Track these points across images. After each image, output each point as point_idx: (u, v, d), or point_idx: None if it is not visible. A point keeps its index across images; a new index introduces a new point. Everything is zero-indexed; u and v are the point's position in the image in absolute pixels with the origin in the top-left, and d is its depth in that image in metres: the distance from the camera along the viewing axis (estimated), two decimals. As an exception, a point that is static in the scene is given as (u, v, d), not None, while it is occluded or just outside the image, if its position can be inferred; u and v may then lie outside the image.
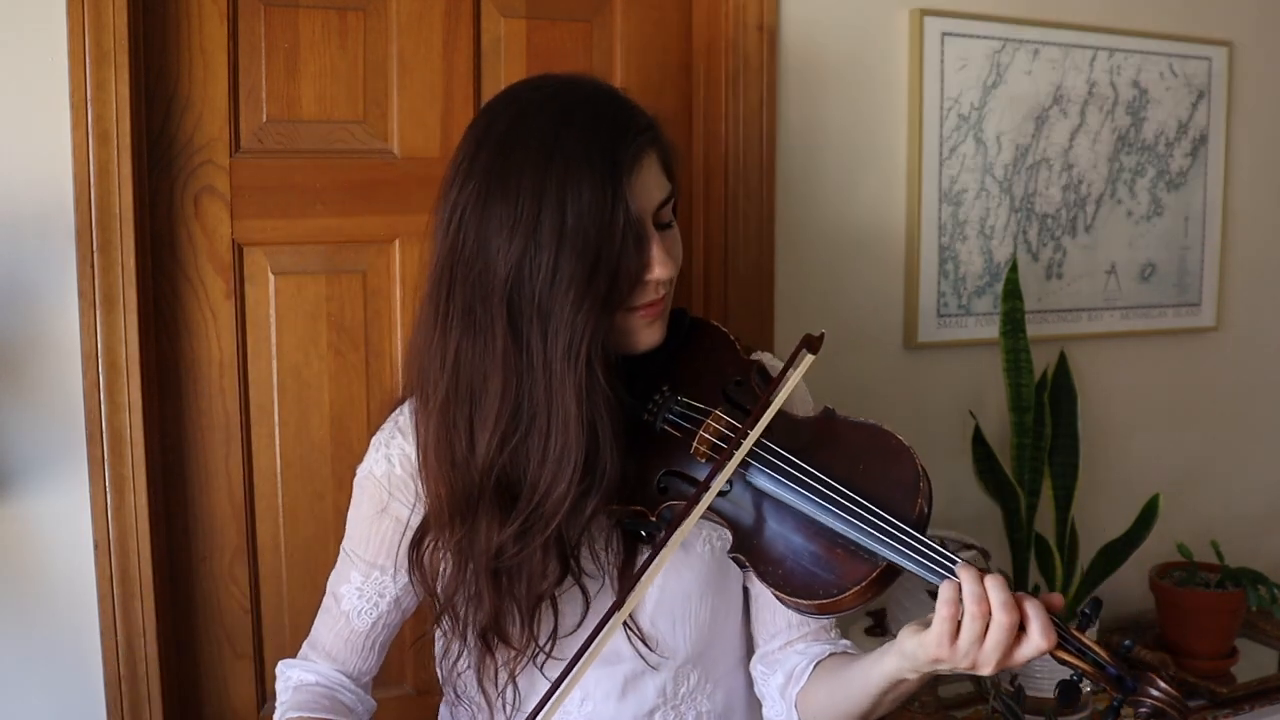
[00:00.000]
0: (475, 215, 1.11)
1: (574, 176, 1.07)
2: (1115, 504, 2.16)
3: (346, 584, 1.27)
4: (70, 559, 1.51)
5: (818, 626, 1.30)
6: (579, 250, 1.07)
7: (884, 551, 1.05)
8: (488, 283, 1.10)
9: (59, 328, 1.48)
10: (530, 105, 1.13)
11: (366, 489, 1.27)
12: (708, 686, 1.30)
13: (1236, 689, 2.02)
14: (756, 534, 1.12)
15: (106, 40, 1.44)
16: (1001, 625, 1.00)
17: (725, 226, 1.84)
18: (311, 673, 1.28)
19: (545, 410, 1.10)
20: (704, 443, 1.16)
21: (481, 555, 1.16)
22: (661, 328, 1.19)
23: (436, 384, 1.15)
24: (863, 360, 2.00)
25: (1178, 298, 2.27)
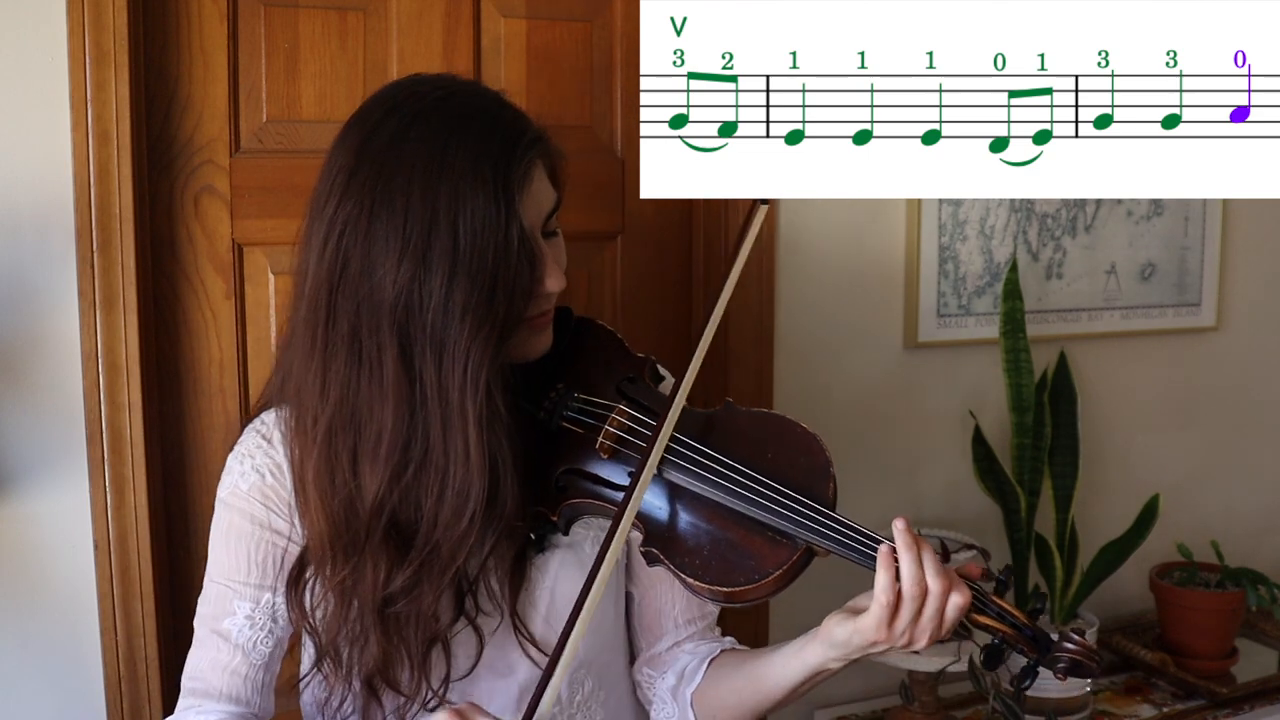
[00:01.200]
0: (358, 235, 1.03)
1: (465, 195, 1.02)
2: (1115, 504, 2.16)
3: (232, 617, 1.16)
4: (70, 559, 1.51)
5: (703, 625, 1.29)
6: (473, 274, 1.02)
7: (803, 534, 1.07)
8: (375, 309, 1.03)
9: (59, 328, 1.48)
10: (415, 116, 1.06)
11: (235, 507, 1.17)
12: (600, 693, 1.26)
13: (1236, 689, 2.02)
14: (671, 527, 1.12)
15: (106, 40, 1.44)
16: (937, 594, 1.03)
17: (725, 225, 1.84)
18: (213, 714, 1.15)
19: (442, 444, 1.04)
20: (609, 437, 1.15)
21: (368, 597, 1.08)
22: (550, 335, 1.17)
23: (316, 413, 1.08)
24: (863, 360, 2.00)
25: (1178, 298, 2.27)
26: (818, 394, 1.95)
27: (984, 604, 1.08)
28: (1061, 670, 1.08)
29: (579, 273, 1.80)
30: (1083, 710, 1.95)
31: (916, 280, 2.00)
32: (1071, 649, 1.08)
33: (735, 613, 1.77)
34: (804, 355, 1.94)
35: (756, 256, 1.85)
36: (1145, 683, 2.07)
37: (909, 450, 2.06)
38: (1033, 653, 1.08)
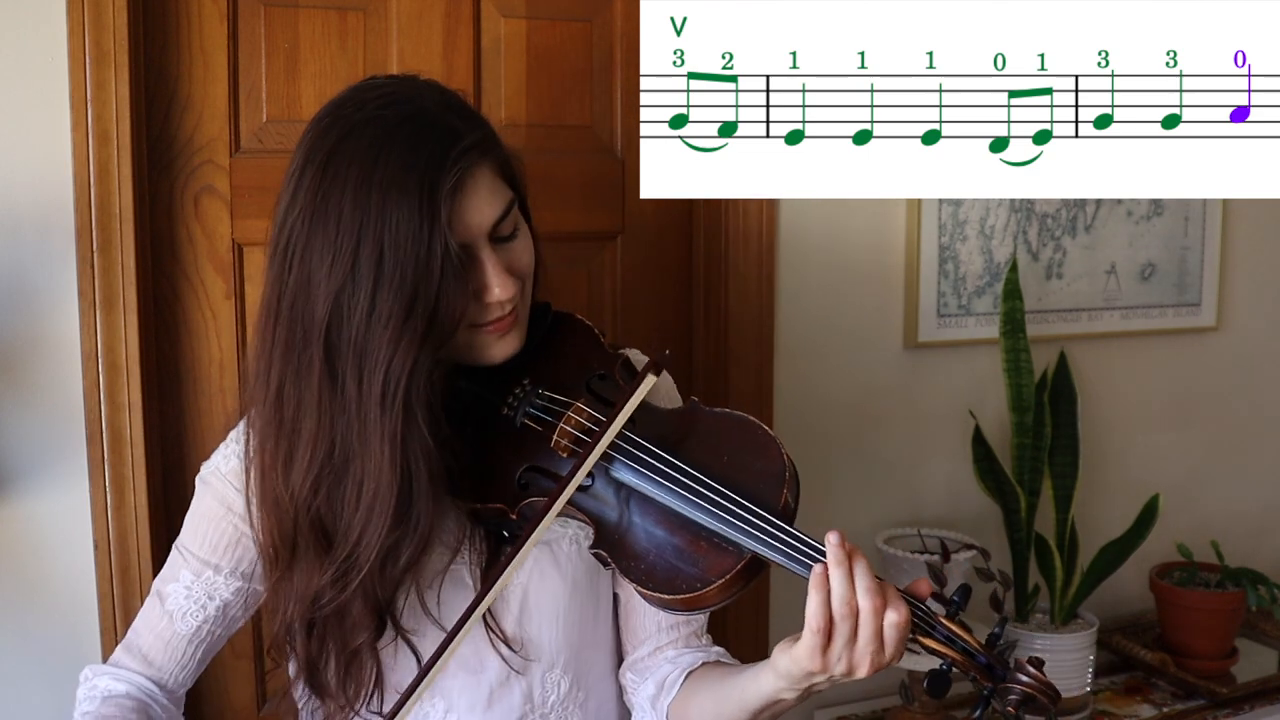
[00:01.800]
0: (300, 244, 1.06)
1: (390, 208, 1.02)
2: (1115, 504, 2.16)
3: (175, 583, 1.20)
4: (70, 559, 1.51)
5: (688, 632, 1.27)
6: (395, 287, 1.02)
7: (748, 543, 1.02)
8: (309, 319, 1.05)
9: (59, 328, 1.48)
10: (355, 124, 1.06)
11: (213, 485, 1.20)
12: (579, 695, 1.25)
13: (1236, 689, 2.02)
14: (619, 529, 1.09)
15: (106, 40, 1.44)
16: (869, 612, 0.98)
17: (725, 225, 1.84)
18: (122, 682, 1.19)
19: (359, 455, 1.06)
20: (565, 435, 1.13)
21: (297, 600, 1.11)
22: (516, 338, 1.15)
23: (261, 416, 1.11)
24: (863, 360, 2.00)
25: (1178, 298, 2.27)
26: (818, 394, 1.95)
27: (930, 626, 1.02)
28: (1013, 703, 1.00)
29: (579, 273, 1.80)
30: (1083, 710, 1.95)
31: (916, 280, 2.00)
32: (1025, 682, 1.00)
33: (736, 615, 1.78)
34: (804, 355, 1.93)
35: (757, 256, 1.85)
36: (1145, 683, 2.07)
37: (909, 450, 2.06)
38: (985, 681, 1.01)
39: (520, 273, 1.13)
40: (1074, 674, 1.93)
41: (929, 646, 1.01)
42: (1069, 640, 1.93)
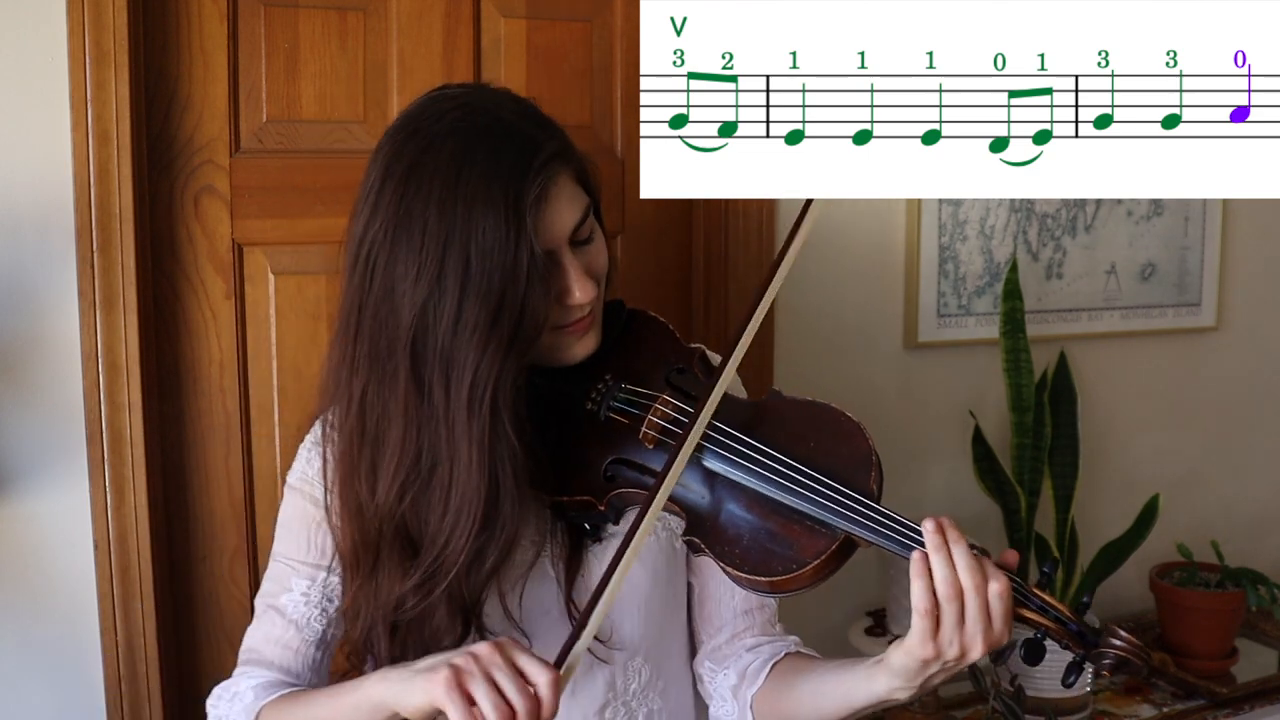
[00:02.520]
0: (383, 255, 1.08)
1: (476, 219, 1.04)
2: (1115, 504, 2.16)
3: (289, 593, 1.21)
4: (70, 559, 1.51)
5: (763, 619, 1.28)
6: (482, 295, 1.04)
7: (841, 524, 1.05)
8: (393, 328, 1.07)
9: (59, 328, 1.48)
10: (435, 137, 1.08)
11: (300, 490, 1.21)
12: (659, 683, 1.27)
13: (1236, 689, 2.02)
14: (711, 516, 1.11)
15: (106, 40, 1.44)
16: (973, 590, 0.99)
17: (725, 225, 1.84)
18: (264, 677, 1.19)
19: (447, 461, 1.08)
20: (652, 427, 1.15)
21: (381, 606, 1.12)
22: (594, 337, 1.18)
23: (342, 425, 1.13)
24: (863, 360, 2.00)
25: (1178, 298, 2.27)
26: (818, 393, 1.95)
27: (1025, 596, 1.04)
28: (1107, 667, 1.03)
29: (579, 273, 1.80)
30: (1083, 710, 1.95)
31: (916, 280, 2.00)
32: (1119, 645, 1.02)
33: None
34: (804, 355, 1.93)
35: (756, 256, 1.85)
36: (1145, 683, 2.07)
37: (909, 450, 2.06)
38: (1078, 649, 1.03)
39: (598, 274, 1.16)
40: (1074, 674, 1.93)
41: (1024, 616, 1.03)
42: (1068, 640, 1.93)
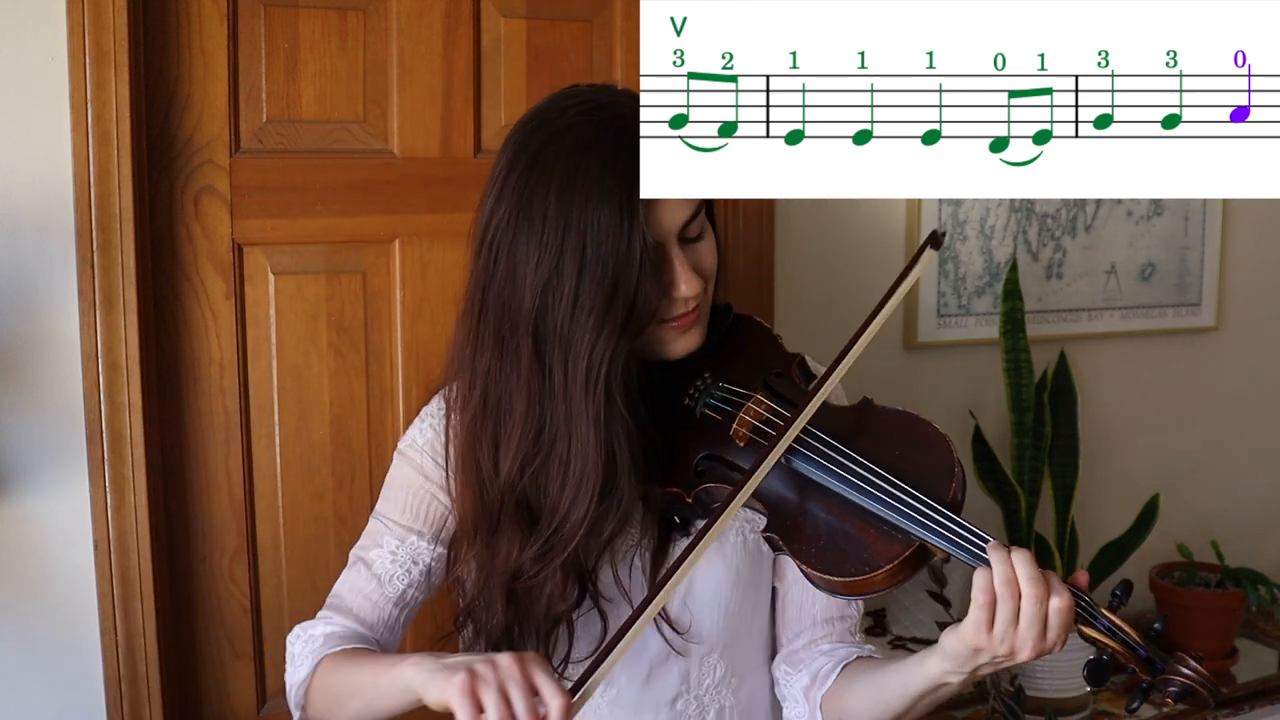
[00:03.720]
0: (506, 240, 1.14)
1: (593, 207, 1.10)
2: (1115, 504, 2.16)
3: (379, 549, 1.25)
4: (70, 559, 1.51)
5: (843, 628, 1.31)
6: (598, 280, 1.10)
7: (916, 530, 1.07)
8: (516, 310, 1.13)
9: (59, 328, 1.48)
10: (559, 129, 1.15)
11: (410, 457, 1.26)
12: (733, 680, 1.29)
13: (1236, 689, 2.03)
14: (792, 515, 1.14)
15: (106, 40, 1.44)
16: (1032, 599, 1.02)
17: (725, 225, 1.84)
18: (335, 625, 1.24)
19: (565, 436, 1.13)
20: (744, 425, 1.18)
21: (500, 572, 1.17)
22: (698, 334, 1.22)
23: (466, 400, 1.19)
24: (863, 360, 1.99)
25: (1178, 298, 2.27)
26: (818, 394, 1.95)
27: (1092, 615, 1.05)
28: (1173, 695, 1.03)
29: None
30: (1082, 710, 1.95)
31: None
32: (1187, 674, 1.02)
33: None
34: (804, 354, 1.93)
35: (756, 256, 1.85)
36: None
37: (909, 450, 2.05)
38: (1145, 674, 1.04)
39: (705, 272, 1.19)
40: (1073, 674, 1.93)
41: (1090, 636, 1.05)
42: (1068, 640, 1.93)
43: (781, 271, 1.89)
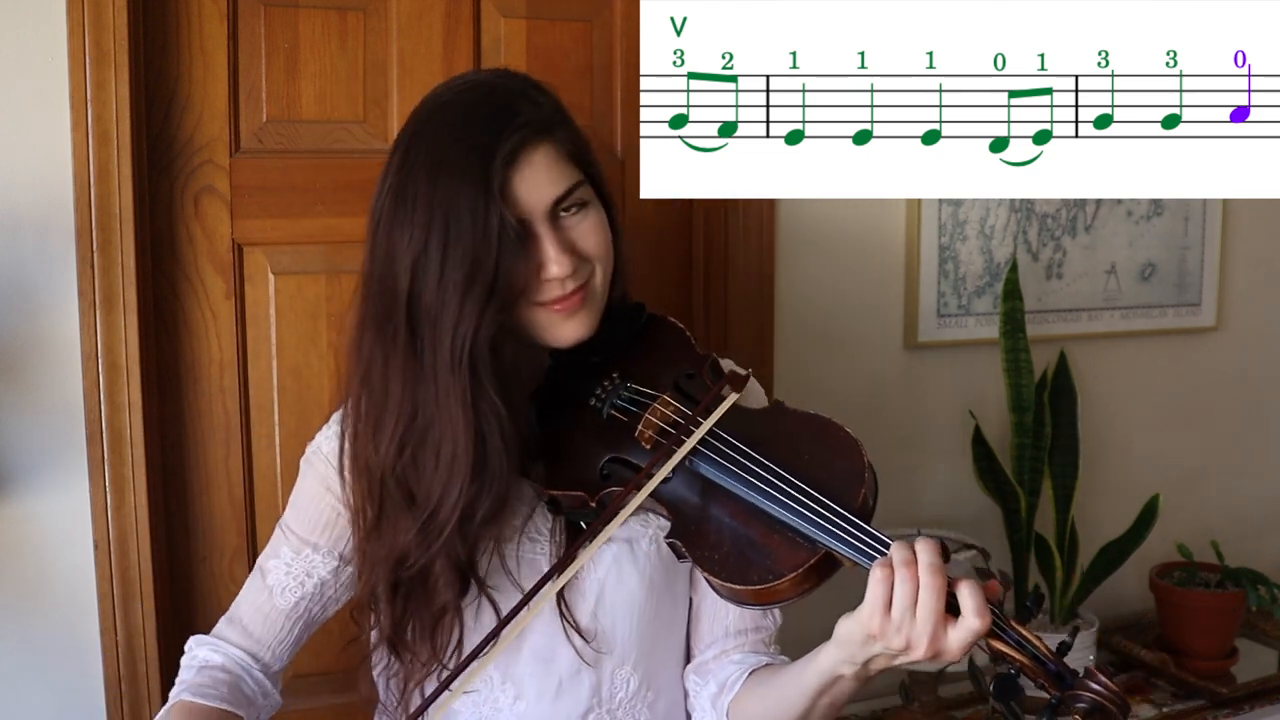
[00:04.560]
0: (385, 223, 1.13)
1: (455, 184, 1.09)
2: (1115, 504, 2.16)
3: (275, 559, 1.24)
4: (70, 559, 1.51)
5: (756, 639, 1.27)
6: (459, 257, 1.09)
7: (823, 538, 1.03)
8: (393, 292, 1.12)
9: (59, 328, 1.48)
10: (434, 111, 1.15)
11: (314, 465, 1.24)
12: (648, 694, 1.26)
13: (1236, 689, 2.02)
14: (697, 520, 1.10)
15: (106, 40, 1.44)
16: (930, 589, 0.97)
17: (725, 225, 1.84)
18: (219, 653, 1.23)
19: (437, 418, 1.12)
20: (650, 426, 1.15)
21: (384, 561, 1.16)
22: (585, 320, 1.17)
23: (354, 385, 1.18)
24: (863, 360, 2.00)
25: (1178, 298, 2.27)
26: (817, 394, 1.95)
27: (1001, 629, 1.00)
28: (1081, 711, 0.98)
29: (579, 273, 1.80)
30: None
31: (916, 280, 2.00)
32: (1097, 690, 0.98)
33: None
34: (804, 355, 1.94)
35: (757, 255, 1.85)
36: (1145, 683, 2.07)
37: (909, 450, 2.06)
38: (1054, 690, 0.99)
39: (585, 253, 1.16)
40: (1074, 674, 1.93)
41: (998, 650, 0.99)
42: (1069, 640, 1.93)
43: (782, 271, 1.89)
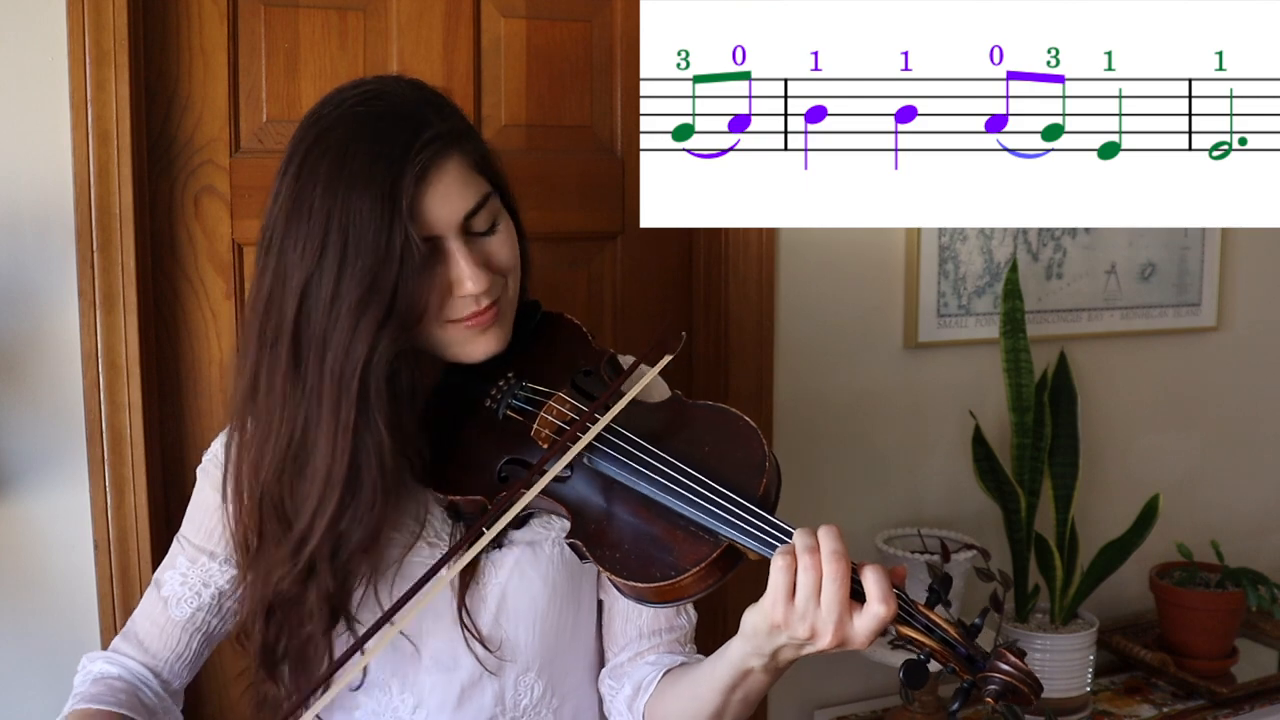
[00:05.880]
0: (277, 238, 1.08)
1: (355, 197, 1.04)
2: (1115, 504, 2.16)
3: (172, 570, 1.21)
4: (70, 559, 1.51)
5: (670, 639, 1.25)
6: (356, 274, 1.04)
7: (725, 530, 1.01)
8: (281, 311, 1.07)
9: (59, 328, 1.48)
10: (332, 120, 1.09)
11: (210, 474, 1.21)
12: (553, 700, 1.23)
13: (1236, 689, 2.03)
14: (596, 519, 1.08)
15: (106, 40, 1.44)
16: (834, 576, 0.95)
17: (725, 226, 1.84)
18: (115, 665, 1.20)
19: (314, 443, 1.08)
20: (545, 425, 1.13)
21: (260, 584, 1.13)
22: (498, 335, 1.14)
23: (235, 405, 1.14)
24: (863, 360, 2.00)
25: (1178, 298, 2.27)
26: (818, 394, 1.95)
27: (908, 614, 0.98)
28: (992, 694, 0.96)
29: (579, 273, 1.80)
30: (1082, 710, 1.95)
31: (916, 280, 2.00)
32: (1006, 671, 0.96)
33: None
34: (804, 354, 1.93)
35: (757, 256, 1.85)
36: (1145, 683, 2.07)
37: (909, 450, 2.06)
38: (965, 673, 0.97)
39: (498, 268, 1.13)
40: (1074, 674, 1.93)
41: (906, 635, 0.98)
42: (1069, 640, 1.93)
43: (783, 272, 1.89)
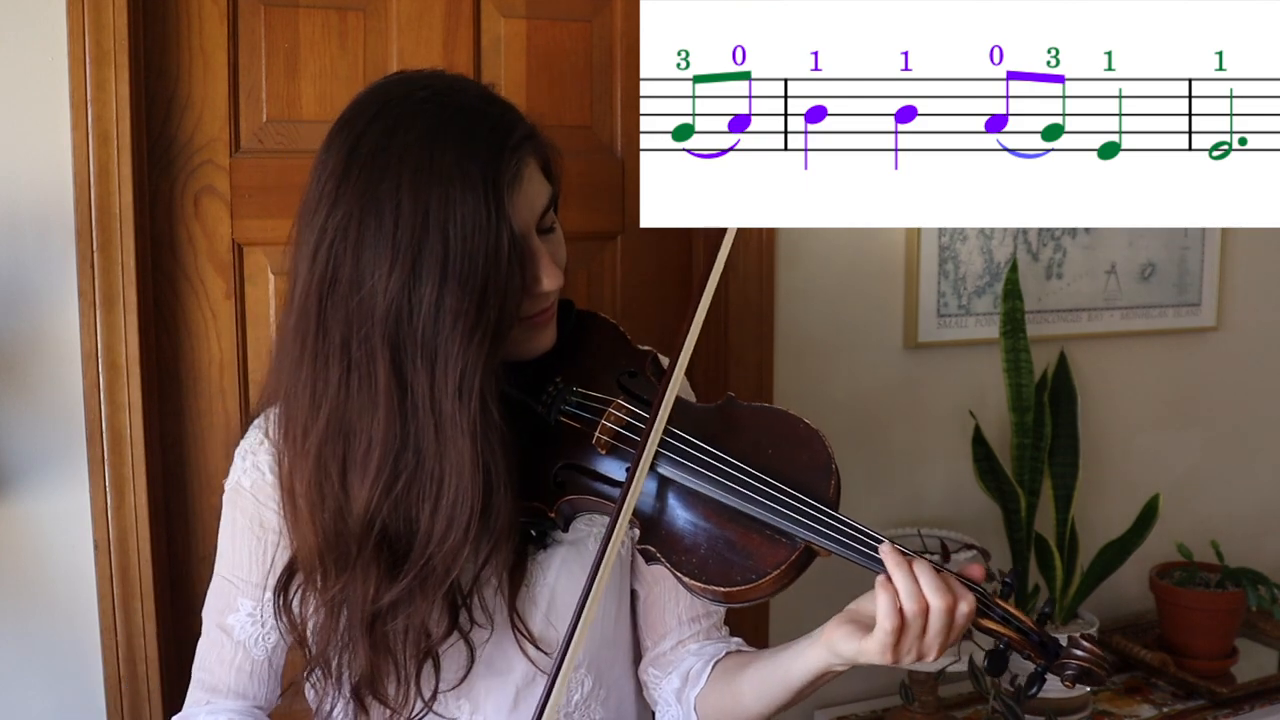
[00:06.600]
0: (348, 244, 1.02)
1: (454, 200, 1.00)
2: (1115, 504, 2.16)
3: (235, 613, 1.17)
4: (70, 559, 1.51)
5: (709, 625, 1.26)
6: (464, 281, 1.00)
7: (801, 533, 1.03)
8: (366, 319, 1.01)
9: (59, 328, 1.48)
10: (402, 118, 1.04)
11: (238, 504, 1.17)
12: (600, 693, 1.24)
13: (1236, 689, 2.03)
14: (668, 524, 1.09)
15: (106, 40, 1.44)
16: (939, 611, 0.99)
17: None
18: (223, 713, 1.16)
19: (435, 456, 1.03)
20: (606, 432, 1.12)
21: (358, 611, 1.07)
22: (553, 330, 1.15)
23: (307, 424, 1.06)
24: (863, 360, 2.00)
25: (1178, 298, 2.27)
26: (818, 393, 1.95)
27: (989, 608, 1.04)
28: (1070, 677, 1.03)
29: (579, 272, 1.80)
30: (1083, 710, 1.95)
31: (916, 280, 2.00)
32: (1081, 656, 1.03)
33: (735, 611, 1.78)
34: (804, 354, 1.94)
35: (757, 256, 1.85)
36: (1145, 683, 2.07)
37: (909, 450, 2.06)
38: (1040, 659, 1.04)
39: (563, 264, 1.14)
40: (1074, 674, 1.93)
41: (987, 627, 1.04)
42: (1069, 640, 1.93)
43: (782, 272, 1.89)
